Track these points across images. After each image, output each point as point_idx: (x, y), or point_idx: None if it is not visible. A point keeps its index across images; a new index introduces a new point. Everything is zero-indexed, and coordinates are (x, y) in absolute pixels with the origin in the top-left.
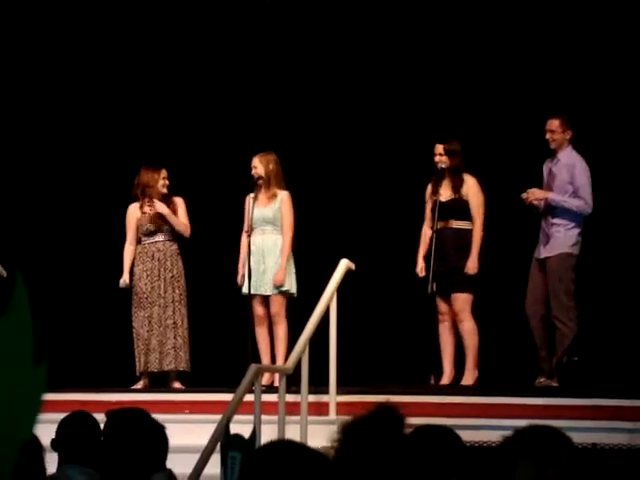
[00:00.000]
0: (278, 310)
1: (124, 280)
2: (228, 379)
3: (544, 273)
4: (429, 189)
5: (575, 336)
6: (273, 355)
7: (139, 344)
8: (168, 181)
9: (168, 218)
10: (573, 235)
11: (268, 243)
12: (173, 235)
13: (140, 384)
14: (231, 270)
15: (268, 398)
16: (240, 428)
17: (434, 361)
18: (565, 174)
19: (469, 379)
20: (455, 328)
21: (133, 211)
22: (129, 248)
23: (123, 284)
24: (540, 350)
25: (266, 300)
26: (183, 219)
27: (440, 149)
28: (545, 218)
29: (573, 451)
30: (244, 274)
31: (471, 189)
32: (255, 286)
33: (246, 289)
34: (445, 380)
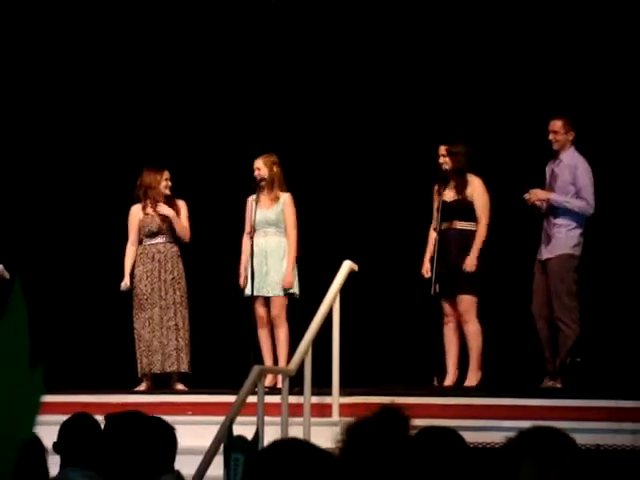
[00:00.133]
0: (279, 312)
1: (125, 283)
2: (231, 380)
3: (546, 274)
4: (436, 190)
5: (578, 337)
6: (276, 356)
7: (140, 346)
8: (170, 182)
9: (172, 220)
10: (574, 236)
11: (271, 245)
12: (174, 237)
13: (143, 386)
14: (233, 272)
15: (271, 399)
16: (243, 429)
17: (437, 362)
18: (567, 175)
19: (472, 380)
20: (459, 329)
21: (135, 212)
22: (131, 249)
23: (124, 287)
24: (545, 352)
25: (268, 302)
26: (184, 223)
27: (443, 150)
28: (547, 219)
29: (576, 452)
30: (246, 276)
31: (476, 190)
32: (257, 288)
33: (249, 291)
34: (448, 381)
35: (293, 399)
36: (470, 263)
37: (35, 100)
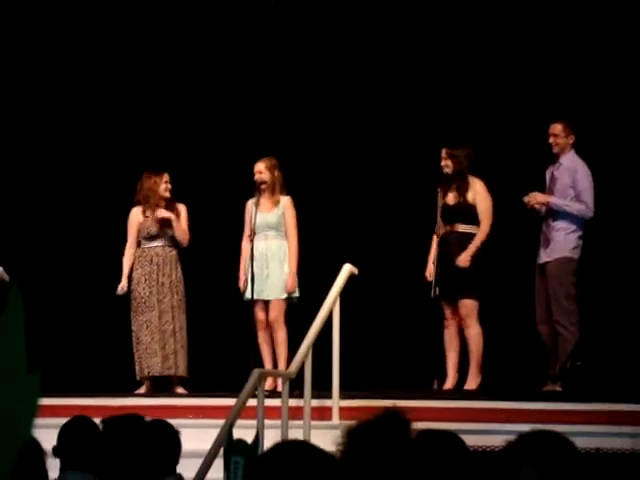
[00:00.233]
0: (277, 316)
1: (121, 287)
2: (231, 384)
3: (545, 278)
4: (439, 192)
5: (578, 341)
6: (275, 360)
7: (139, 348)
8: (170, 185)
9: (172, 223)
10: (573, 239)
11: (272, 248)
12: (173, 241)
13: (143, 389)
14: (233, 275)
15: (271, 403)
16: (243, 433)
17: (437, 366)
18: (567, 178)
19: (472, 384)
20: (460, 333)
21: (135, 214)
22: (129, 252)
23: (120, 291)
24: (548, 356)
25: (267, 305)
26: (184, 226)
27: (444, 153)
28: (546, 222)
29: (576, 456)
30: (247, 279)
31: (479, 193)
32: (258, 291)
33: (249, 294)
34: (448, 385)
35: (293, 402)
36: (464, 259)
37: (35, 102)
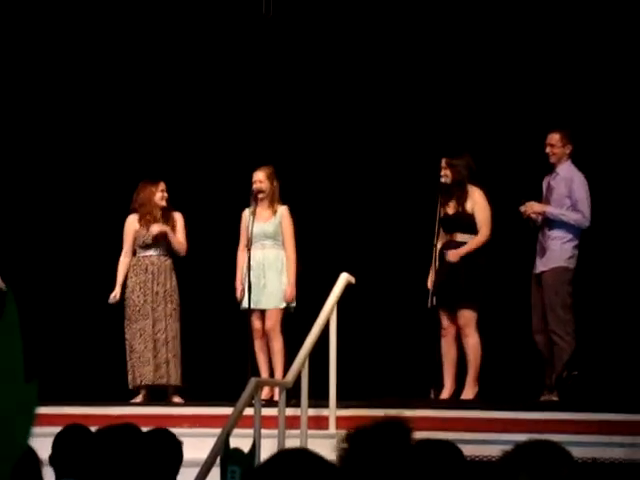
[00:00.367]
0: (273, 325)
1: (114, 296)
2: (228, 393)
3: (541, 287)
4: (439, 202)
5: (574, 350)
6: (272, 369)
7: (132, 357)
8: (167, 194)
9: (168, 235)
10: (569, 248)
11: (269, 257)
12: (168, 250)
13: (139, 397)
14: (229, 284)
15: (268, 412)
16: (240, 442)
17: (434, 375)
18: (563, 188)
19: (469, 393)
20: (457, 342)
21: (131, 223)
22: (124, 260)
23: (113, 300)
24: (545, 366)
25: (264, 314)
26: (181, 236)
27: (444, 163)
28: (542, 231)
29: (573, 466)
30: (243, 289)
31: (477, 203)
32: (255, 301)
33: (246, 304)
34: (445, 394)
35: (290, 411)
36: (454, 254)
37: (30, 111)
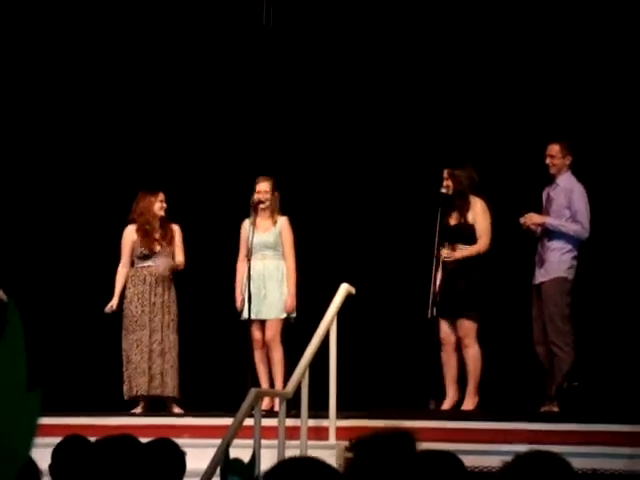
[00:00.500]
0: (273, 335)
1: (111, 306)
2: (228, 403)
3: (541, 299)
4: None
5: (574, 361)
6: (272, 379)
7: (128, 367)
8: (166, 204)
9: (176, 269)
10: (567, 259)
11: (269, 268)
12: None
13: (139, 408)
14: (229, 294)
15: (268, 422)
16: (240, 452)
17: (434, 386)
18: (562, 199)
19: (469, 404)
20: (458, 352)
21: (129, 233)
22: (122, 271)
23: (109, 310)
24: (546, 377)
25: (264, 325)
26: (179, 248)
27: (445, 173)
28: (541, 242)
29: (573, 477)
30: (243, 299)
31: (478, 213)
32: (255, 311)
33: (246, 314)
34: (447, 405)
35: (290, 422)
36: (449, 253)
37: (28, 120)
